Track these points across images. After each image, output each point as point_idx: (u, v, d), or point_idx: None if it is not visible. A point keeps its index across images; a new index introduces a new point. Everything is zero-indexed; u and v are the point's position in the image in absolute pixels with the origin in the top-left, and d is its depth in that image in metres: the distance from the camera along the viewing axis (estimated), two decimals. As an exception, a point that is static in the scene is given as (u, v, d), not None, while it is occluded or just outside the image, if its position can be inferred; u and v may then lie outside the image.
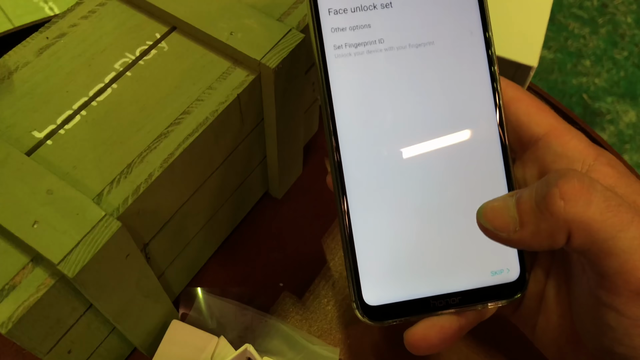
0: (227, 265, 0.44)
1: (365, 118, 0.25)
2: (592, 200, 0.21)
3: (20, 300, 0.27)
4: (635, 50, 1.34)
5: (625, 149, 1.21)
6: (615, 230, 0.20)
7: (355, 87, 0.25)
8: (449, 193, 0.25)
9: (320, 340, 0.41)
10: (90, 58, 0.35)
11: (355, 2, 0.25)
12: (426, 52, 0.25)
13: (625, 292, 0.21)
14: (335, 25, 0.25)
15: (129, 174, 0.31)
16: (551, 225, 0.21)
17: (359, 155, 0.25)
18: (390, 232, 0.25)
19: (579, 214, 0.21)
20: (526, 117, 0.26)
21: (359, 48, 0.25)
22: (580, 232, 0.21)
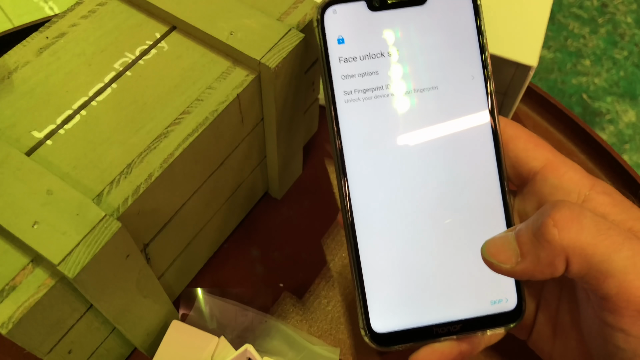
0: (227, 266, 0.44)
1: (373, 157, 0.27)
2: (584, 225, 0.22)
3: (20, 300, 0.27)
4: (635, 50, 1.34)
5: (624, 149, 1.21)
6: (608, 252, 0.22)
7: (364, 129, 0.27)
8: (452, 227, 0.27)
9: (320, 341, 0.41)
10: (90, 58, 0.35)
11: (364, 51, 0.27)
12: (430, 96, 0.27)
13: (628, 312, 0.22)
14: (345, 72, 0.27)
15: (129, 174, 0.31)
16: (549, 253, 0.22)
17: (367, 192, 0.27)
18: (397, 264, 0.27)
19: (573, 239, 0.22)
20: (524, 152, 0.27)
21: (367, 93, 0.27)
22: (576, 257, 0.22)
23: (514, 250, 0.23)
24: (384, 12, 0.27)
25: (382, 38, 0.27)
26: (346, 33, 0.27)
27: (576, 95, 1.27)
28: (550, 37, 1.35)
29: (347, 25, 0.27)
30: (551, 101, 0.53)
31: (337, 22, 0.27)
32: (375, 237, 0.27)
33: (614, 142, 1.22)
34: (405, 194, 0.27)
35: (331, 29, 0.27)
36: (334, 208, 0.47)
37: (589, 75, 1.30)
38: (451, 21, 0.27)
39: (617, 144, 1.21)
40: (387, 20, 0.27)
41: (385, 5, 0.27)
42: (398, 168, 0.27)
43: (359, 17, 0.27)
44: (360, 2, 0.27)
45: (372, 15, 0.27)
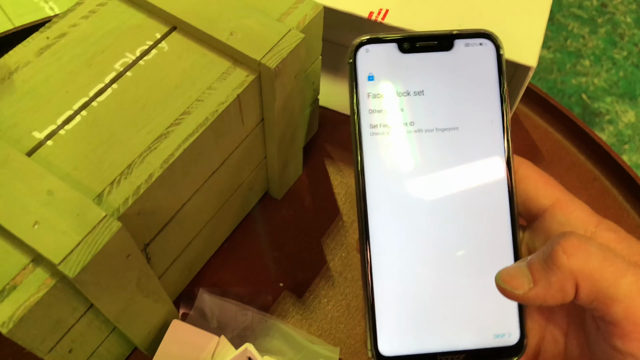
0: (227, 266, 0.44)
1: (392, 189, 0.29)
2: (591, 253, 0.24)
3: (21, 300, 0.27)
4: (634, 50, 1.35)
5: (624, 149, 1.21)
6: (614, 277, 0.23)
7: (386, 162, 0.29)
8: (462, 261, 0.29)
9: (320, 340, 0.41)
10: (90, 58, 0.35)
11: (392, 89, 0.29)
12: (451, 136, 0.29)
13: (636, 335, 0.23)
14: (372, 107, 0.29)
15: (130, 174, 0.31)
16: (560, 278, 0.24)
17: (385, 222, 0.29)
18: (408, 292, 0.29)
19: (581, 265, 0.24)
20: (534, 191, 0.29)
21: (392, 128, 0.29)
22: (585, 282, 0.24)
23: (527, 277, 0.25)
24: (412, 54, 0.29)
25: (409, 78, 0.29)
26: (376, 71, 0.29)
27: (576, 96, 1.27)
28: (550, 37, 1.35)
29: (378, 63, 0.29)
30: (551, 101, 0.53)
31: (369, 60, 0.29)
32: (389, 265, 0.29)
33: (614, 142, 1.22)
34: (421, 227, 0.29)
35: (363, 66, 0.29)
36: (333, 208, 0.47)
37: (589, 76, 1.30)
38: (475, 68, 0.29)
39: (617, 144, 1.22)
40: (415, 63, 0.29)
41: (414, 49, 0.29)
42: (415, 201, 0.29)
43: (390, 57, 0.29)
44: (391, 44, 0.29)
45: (401, 57, 0.29)
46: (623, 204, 0.49)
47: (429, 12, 0.44)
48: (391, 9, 0.44)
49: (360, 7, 0.44)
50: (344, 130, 0.51)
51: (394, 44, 0.29)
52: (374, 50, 0.29)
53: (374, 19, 0.43)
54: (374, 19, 0.43)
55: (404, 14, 0.43)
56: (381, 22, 0.43)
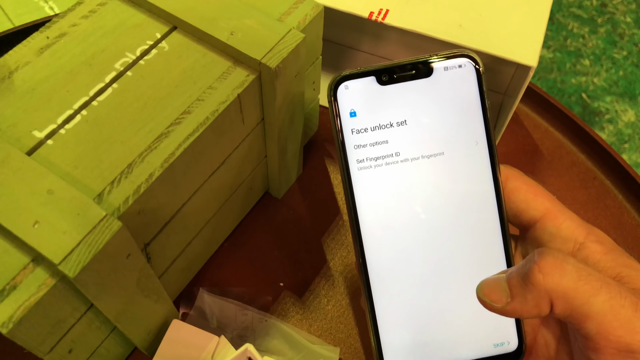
0: (227, 265, 0.44)
1: (385, 220, 0.29)
2: (566, 272, 0.24)
3: (21, 300, 0.27)
4: (634, 49, 1.35)
5: (624, 149, 1.21)
6: (587, 296, 0.24)
7: (376, 195, 0.29)
8: (459, 278, 0.30)
9: (320, 340, 0.41)
10: (90, 58, 0.35)
11: (374, 122, 0.29)
12: (437, 161, 0.29)
13: (608, 350, 0.24)
14: (357, 142, 0.29)
15: (130, 173, 0.31)
16: (535, 295, 0.25)
17: (381, 250, 0.30)
18: (409, 313, 0.30)
19: (556, 284, 0.24)
20: (525, 204, 0.30)
21: (378, 161, 0.29)
22: (559, 300, 0.24)
23: (505, 291, 0.26)
24: (392, 85, 0.29)
25: (391, 109, 0.29)
26: (357, 106, 0.29)
27: (575, 95, 1.27)
28: (550, 36, 1.35)
29: (358, 99, 0.29)
30: (551, 101, 0.53)
31: (349, 97, 0.29)
32: (388, 287, 0.30)
33: (614, 141, 1.22)
34: (416, 250, 0.30)
35: (344, 103, 0.29)
36: (334, 208, 0.47)
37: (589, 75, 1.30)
38: (456, 92, 0.29)
39: (617, 144, 1.22)
40: (396, 93, 0.29)
41: (393, 80, 0.29)
42: (408, 227, 0.30)
43: (369, 91, 0.29)
44: (369, 78, 0.29)
45: (381, 89, 0.29)
46: (623, 203, 0.49)
47: (429, 12, 0.44)
48: (391, 9, 0.44)
49: (361, 7, 0.44)
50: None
51: (372, 77, 0.29)
52: (353, 86, 0.29)
53: (374, 19, 0.43)
54: (374, 19, 0.43)
55: (404, 14, 0.43)
56: (381, 22, 0.43)
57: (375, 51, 0.54)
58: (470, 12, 0.44)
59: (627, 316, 0.24)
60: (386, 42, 0.52)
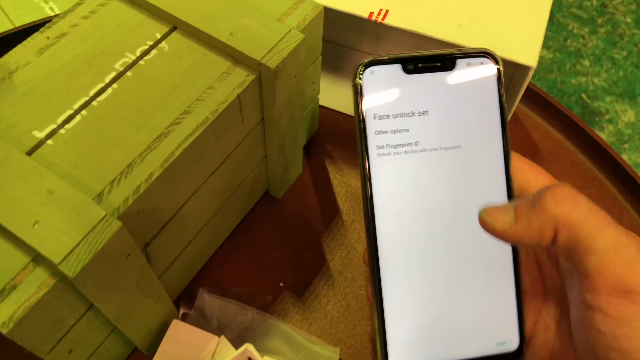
0: (227, 265, 0.44)
1: (400, 208, 0.29)
2: (578, 203, 0.24)
3: (21, 300, 0.27)
4: (634, 50, 1.35)
5: (624, 149, 1.21)
6: (595, 230, 0.24)
7: (393, 181, 0.29)
8: (467, 275, 0.30)
9: (320, 340, 0.41)
10: (90, 58, 0.35)
11: (397, 109, 0.29)
12: (454, 154, 0.30)
13: (605, 289, 0.24)
14: (379, 128, 0.29)
15: (130, 173, 0.31)
16: (542, 220, 0.25)
17: (393, 238, 0.29)
18: (416, 307, 0.30)
19: (566, 212, 0.24)
20: (526, 182, 0.29)
21: (397, 149, 0.29)
22: (565, 228, 0.24)
23: (510, 214, 0.26)
24: (416, 75, 0.29)
25: (414, 98, 0.30)
26: (382, 92, 0.30)
27: (575, 95, 1.27)
28: (550, 37, 1.35)
29: (383, 84, 0.29)
30: (550, 101, 0.53)
31: (375, 81, 0.29)
32: (398, 284, 0.30)
33: (613, 141, 1.22)
34: (428, 244, 0.30)
35: (369, 87, 0.29)
36: (333, 208, 0.47)
37: (589, 75, 1.30)
38: (476, 88, 0.30)
39: (617, 144, 1.22)
40: (420, 83, 0.30)
41: (418, 70, 0.29)
42: (422, 220, 0.30)
43: (395, 78, 0.30)
44: (396, 65, 0.29)
45: (406, 78, 0.29)
46: (623, 203, 0.49)
47: (429, 12, 0.44)
48: (391, 9, 0.44)
49: (360, 7, 0.44)
50: (344, 130, 0.51)
51: (398, 64, 0.29)
52: (379, 71, 0.29)
53: (374, 19, 0.43)
54: (374, 19, 0.43)
55: (404, 14, 0.43)
56: (381, 23, 0.43)
57: (375, 51, 0.54)
58: (470, 12, 0.44)
59: (630, 255, 0.24)
60: (386, 43, 0.52)
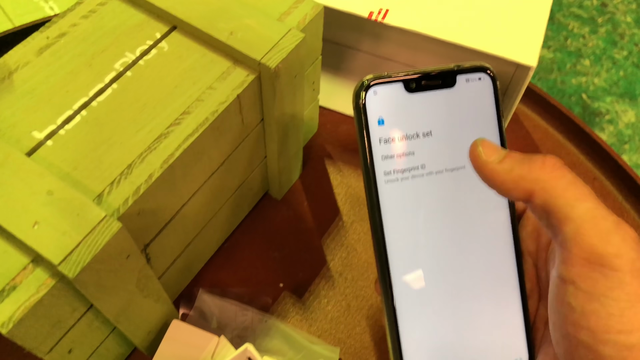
0: (227, 266, 0.44)
1: (411, 236, 0.29)
2: (564, 174, 0.25)
3: (21, 300, 0.27)
4: (634, 49, 1.34)
5: (624, 149, 1.21)
6: (574, 200, 0.24)
7: (402, 207, 0.29)
8: (477, 298, 0.30)
9: (320, 340, 0.41)
10: (90, 58, 0.35)
11: (402, 132, 0.29)
12: (459, 175, 0.29)
13: (578, 260, 0.24)
14: (385, 153, 0.29)
15: (129, 174, 0.31)
16: (522, 175, 0.25)
17: (404, 266, 0.29)
18: (430, 333, 0.29)
19: (548, 178, 0.25)
20: None
21: (404, 174, 0.29)
22: (542, 193, 0.25)
23: (500, 155, 0.26)
24: (418, 94, 0.29)
25: (418, 119, 0.29)
26: (386, 114, 0.29)
27: (576, 95, 1.27)
28: (550, 36, 1.35)
29: (387, 106, 0.29)
30: (551, 101, 0.53)
31: (378, 103, 0.28)
32: (412, 307, 0.29)
33: (614, 142, 1.22)
34: (438, 266, 0.29)
35: (372, 110, 0.28)
36: (333, 208, 0.47)
37: (589, 75, 1.30)
38: (476, 104, 0.30)
39: (617, 144, 1.22)
40: (421, 102, 0.29)
41: (420, 88, 0.29)
42: (431, 243, 0.29)
43: (397, 98, 0.29)
44: (397, 84, 0.29)
45: (408, 97, 0.29)
46: (623, 204, 0.49)
47: (429, 12, 0.44)
48: (391, 9, 0.44)
49: (360, 7, 0.44)
50: (344, 130, 0.51)
51: (400, 83, 0.29)
52: (381, 91, 0.28)
53: (374, 19, 0.43)
54: (374, 19, 0.43)
55: (403, 13, 0.43)
56: (381, 22, 0.43)
57: (375, 51, 0.54)
58: (470, 12, 0.44)
59: (606, 227, 0.24)
60: (386, 42, 0.52)
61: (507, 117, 0.46)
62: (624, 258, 0.23)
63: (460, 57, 0.49)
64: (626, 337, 0.23)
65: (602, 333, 0.23)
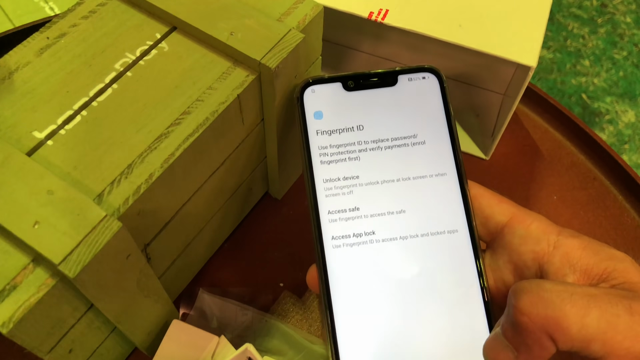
0: (227, 265, 0.44)
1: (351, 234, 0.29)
2: (547, 302, 0.23)
3: (21, 300, 0.27)
4: (634, 50, 1.35)
5: (624, 149, 1.21)
6: (579, 319, 0.23)
7: (343, 228, 0.30)
8: (432, 301, 0.29)
9: (320, 340, 0.41)
10: (90, 58, 0.35)
11: (340, 124, 0.30)
12: (405, 184, 0.30)
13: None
14: (321, 144, 0.30)
15: (130, 174, 0.31)
16: (534, 339, 0.23)
17: (346, 272, 0.29)
18: (370, 340, 0.28)
19: (543, 317, 0.23)
20: (489, 209, 0.29)
21: (341, 155, 0.30)
22: (557, 333, 0.23)
23: (509, 347, 0.24)
24: (358, 92, 0.30)
25: (356, 115, 0.30)
26: (324, 108, 0.30)
27: (575, 96, 1.27)
28: (550, 37, 1.36)
29: (324, 102, 0.30)
30: (551, 101, 0.53)
31: (316, 100, 0.30)
32: (350, 307, 0.29)
33: (614, 142, 1.22)
34: (386, 276, 0.29)
35: (309, 105, 0.30)
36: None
37: (589, 76, 1.30)
38: (420, 101, 0.30)
39: (617, 144, 1.22)
40: (361, 100, 0.30)
41: (360, 86, 0.30)
42: (376, 245, 0.29)
43: (336, 96, 0.30)
44: (336, 84, 0.30)
45: (347, 95, 0.30)
46: (623, 204, 0.49)
47: (429, 12, 0.44)
48: (391, 9, 0.44)
49: (360, 7, 0.44)
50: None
51: (339, 82, 0.30)
52: (320, 89, 0.30)
53: (373, 19, 0.43)
54: (374, 19, 0.43)
55: (404, 14, 0.43)
56: (381, 22, 0.43)
57: (375, 51, 0.54)
58: (470, 12, 0.44)
59: (626, 324, 0.23)
60: (386, 43, 0.52)
61: (507, 117, 0.46)
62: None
63: (460, 58, 0.49)
64: None
65: None
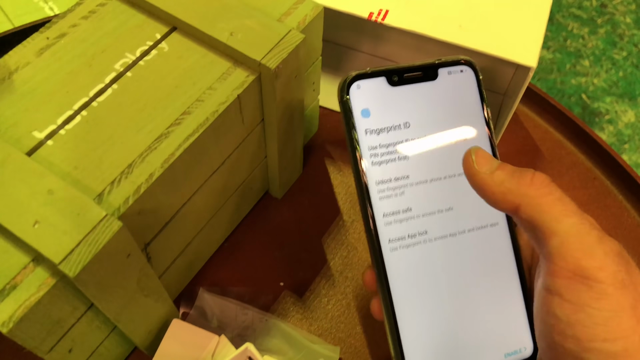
0: (227, 265, 0.44)
1: (408, 253, 0.30)
2: (551, 191, 0.26)
3: (21, 299, 0.27)
4: (634, 50, 1.35)
5: (624, 149, 1.21)
6: (560, 215, 0.25)
7: (397, 227, 0.30)
8: (475, 291, 0.30)
9: (320, 339, 0.41)
10: (90, 58, 0.35)
11: (388, 122, 0.29)
12: (450, 183, 0.30)
13: (564, 272, 0.24)
14: (371, 144, 0.30)
15: (130, 174, 0.31)
16: (511, 189, 0.26)
17: (400, 264, 0.29)
18: (428, 324, 0.30)
19: (537, 195, 0.25)
20: None
21: (391, 155, 0.30)
22: (528, 208, 0.25)
23: (492, 166, 0.27)
24: (401, 87, 0.30)
25: (401, 112, 0.30)
26: (370, 106, 0.30)
27: (575, 96, 1.27)
28: (550, 37, 1.35)
29: (370, 99, 0.30)
30: (551, 101, 0.53)
31: (361, 96, 0.29)
32: (410, 304, 0.29)
33: (614, 142, 1.22)
34: (439, 274, 0.30)
35: (356, 102, 0.29)
36: (333, 208, 0.47)
37: (588, 76, 1.30)
38: (460, 95, 0.30)
39: (617, 144, 1.22)
40: (405, 95, 0.30)
41: (402, 81, 0.30)
42: (428, 244, 0.30)
43: (380, 92, 0.30)
44: (380, 78, 0.30)
45: (391, 91, 0.30)
46: (623, 204, 0.49)
47: (429, 13, 0.44)
48: (391, 9, 0.44)
49: (360, 8, 0.44)
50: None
51: (383, 77, 0.30)
52: (365, 85, 0.30)
53: (373, 20, 0.43)
54: (374, 20, 0.43)
55: (404, 14, 0.43)
56: (381, 23, 0.43)
57: (375, 52, 0.54)
58: (470, 12, 0.44)
59: (590, 242, 0.24)
60: (386, 43, 0.52)
61: (507, 117, 0.46)
62: (606, 271, 0.24)
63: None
64: (610, 345, 0.24)
65: (587, 341, 0.24)
